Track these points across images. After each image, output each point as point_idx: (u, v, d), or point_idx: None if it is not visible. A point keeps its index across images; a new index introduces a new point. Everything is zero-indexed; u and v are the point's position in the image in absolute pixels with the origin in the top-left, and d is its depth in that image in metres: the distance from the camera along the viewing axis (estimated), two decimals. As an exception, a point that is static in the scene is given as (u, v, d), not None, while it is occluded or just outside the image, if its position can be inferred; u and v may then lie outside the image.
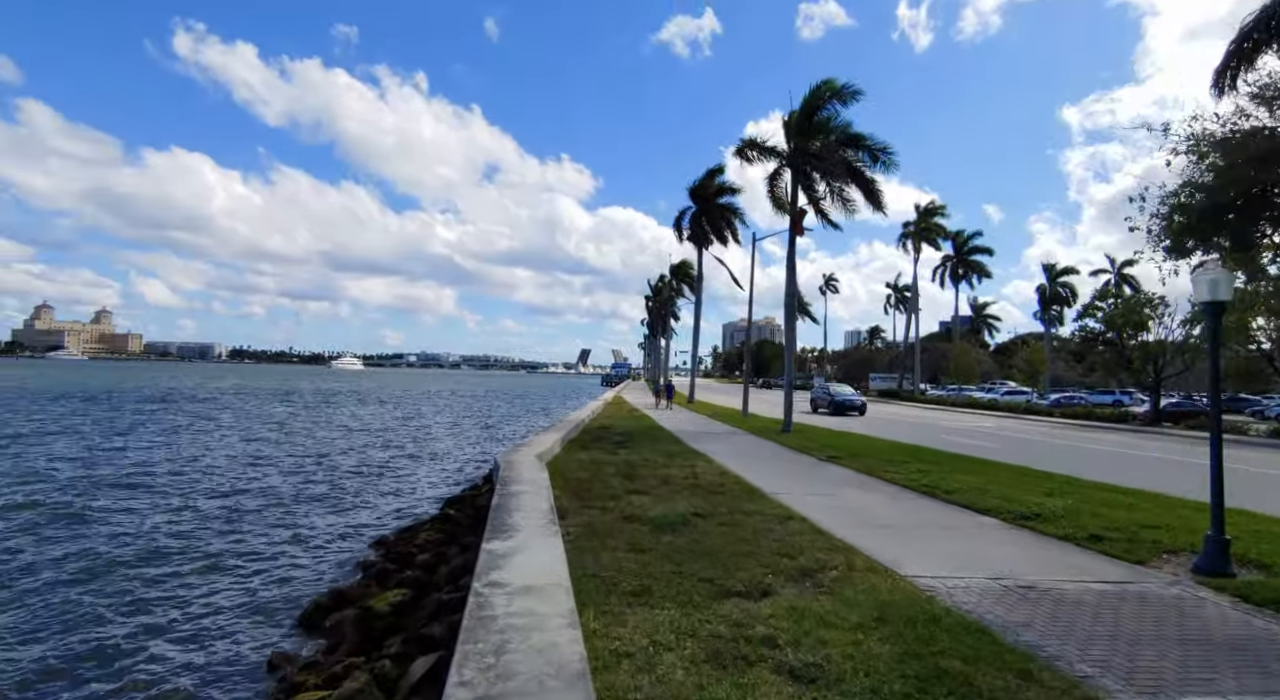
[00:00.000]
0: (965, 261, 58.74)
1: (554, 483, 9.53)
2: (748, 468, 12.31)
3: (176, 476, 17.53)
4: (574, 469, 11.36)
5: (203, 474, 18.03)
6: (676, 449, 14.97)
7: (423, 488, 17.38)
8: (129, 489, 15.72)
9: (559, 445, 14.20)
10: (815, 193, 22.32)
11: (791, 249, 21.56)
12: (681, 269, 55.01)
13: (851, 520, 8.07)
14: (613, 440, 16.54)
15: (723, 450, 15.27)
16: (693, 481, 10.44)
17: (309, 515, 13.94)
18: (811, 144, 19.96)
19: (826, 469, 12.76)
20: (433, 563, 8.59)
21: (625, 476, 10.75)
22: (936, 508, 9.13)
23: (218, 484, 16.72)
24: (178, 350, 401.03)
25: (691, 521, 7.54)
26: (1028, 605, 5.12)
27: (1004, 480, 11.28)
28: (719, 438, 18.69)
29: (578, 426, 19.08)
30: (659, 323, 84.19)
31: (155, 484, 16.32)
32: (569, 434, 16.55)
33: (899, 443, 17.89)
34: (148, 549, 10.98)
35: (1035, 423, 31.58)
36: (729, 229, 37.21)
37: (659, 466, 11.97)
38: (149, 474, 17.69)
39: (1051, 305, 56.99)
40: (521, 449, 12.08)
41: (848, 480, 11.37)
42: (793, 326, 21.33)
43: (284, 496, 15.63)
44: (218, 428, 30.88)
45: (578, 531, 7.03)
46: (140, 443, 24.12)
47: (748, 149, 22.09)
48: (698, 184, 36.92)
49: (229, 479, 17.32)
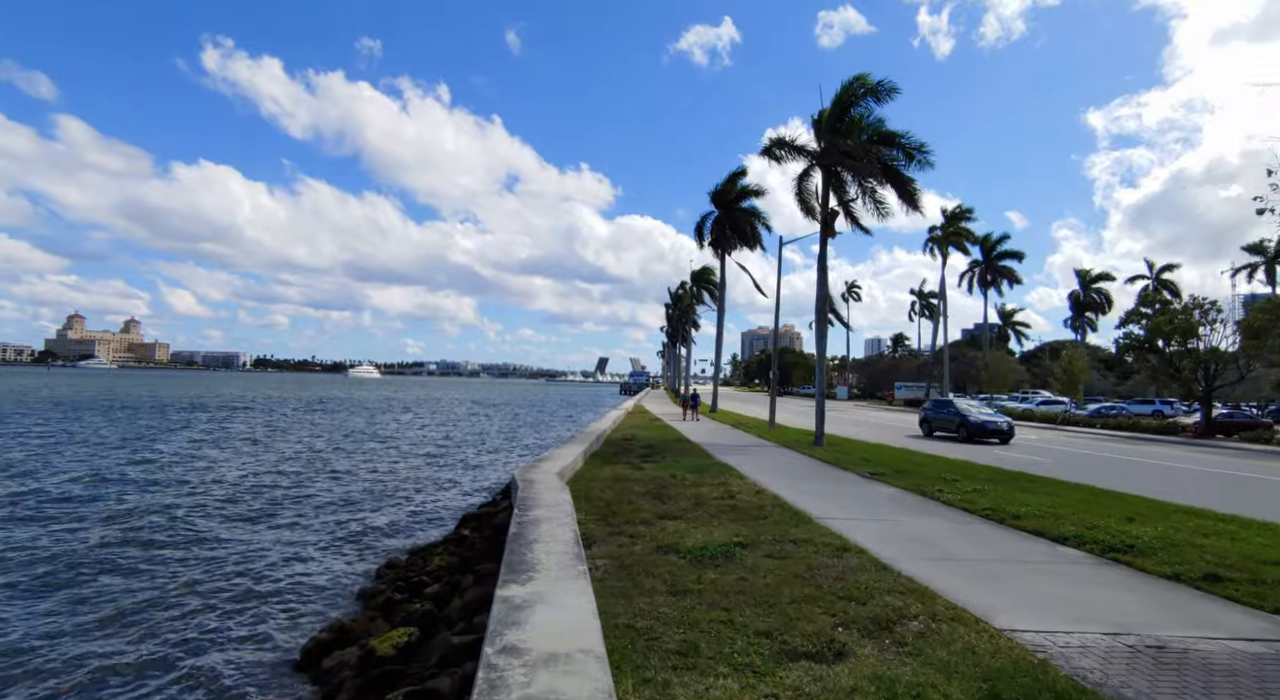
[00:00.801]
0: (994, 267, 57.05)
1: (577, 504, 8.68)
2: (786, 486, 11.35)
3: (184, 480, 16.98)
4: (598, 487, 10.49)
5: (215, 483, 17.46)
6: (705, 463, 14.03)
7: (440, 500, 16.63)
8: (142, 489, 15.17)
9: (581, 459, 13.35)
10: (846, 194, 21.35)
11: (823, 252, 20.60)
12: (703, 275, 54.09)
13: (916, 552, 7.09)
14: (637, 453, 15.66)
15: (755, 465, 14.31)
16: (729, 502, 9.51)
17: (320, 530, 13.24)
18: (844, 142, 18.99)
19: (872, 488, 11.74)
20: (444, 594, 7.75)
21: (654, 496, 9.85)
22: (1007, 537, 8.10)
23: (233, 493, 16.10)
24: (203, 359, 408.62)
25: (735, 553, 6.62)
26: (1170, 674, 4.12)
27: (1073, 503, 10.19)
28: (748, 451, 17.71)
29: (600, 438, 18.23)
30: (679, 331, 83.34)
31: (166, 480, 15.78)
32: (591, 446, 15.70)
33: (942, 457, 16.78)
34: (152, 554, 10.31)
35: (1078, 435, 30.10)
36: (752, 233, 36.31)
37: (689, 484, 11.06)
38: (156, 478, 17.18)
39: (1085, 312, 55.07)
40: (541, 464, 11.24)
41: (899, 502, 10.36)
42: (824, 333, 20.33)
43: (297, 507, 14.97)
44: (235, 437, 30.53)
45: (607, 565, 6.16)
46: (157, 451, 23.74)
47: (776, 148, 21.18)
48: (720, 188, 36.08)
49: (248, 488, 16.72)
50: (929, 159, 19.40)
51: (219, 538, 12.53)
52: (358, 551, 12.10)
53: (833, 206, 20.76)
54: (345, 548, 12.24)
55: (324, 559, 11.42)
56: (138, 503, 15.17)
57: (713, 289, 53.43)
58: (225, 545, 12.05)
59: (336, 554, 11.76)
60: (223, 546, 11.99)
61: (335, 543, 12.56)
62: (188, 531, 12.82)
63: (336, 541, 12.64)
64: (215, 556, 11.28)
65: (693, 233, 38.56)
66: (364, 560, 11.47)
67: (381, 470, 21.56)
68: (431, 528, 13.83)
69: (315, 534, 13.13)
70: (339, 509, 15.34)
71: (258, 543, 12.33)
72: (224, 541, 12.30)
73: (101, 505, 14.78)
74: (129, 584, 9.71)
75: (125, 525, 13.11)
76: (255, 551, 11.67)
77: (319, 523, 13.97)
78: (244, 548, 11.90)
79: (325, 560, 11.39)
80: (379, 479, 19.78)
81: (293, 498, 16.42)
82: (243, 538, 12.60)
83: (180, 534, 12.61)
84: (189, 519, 13.74)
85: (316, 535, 13.02)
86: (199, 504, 15.23)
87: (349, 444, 29.33)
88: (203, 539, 12.36)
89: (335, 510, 15.21)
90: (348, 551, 12.00)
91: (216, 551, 11.57)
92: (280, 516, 14.36)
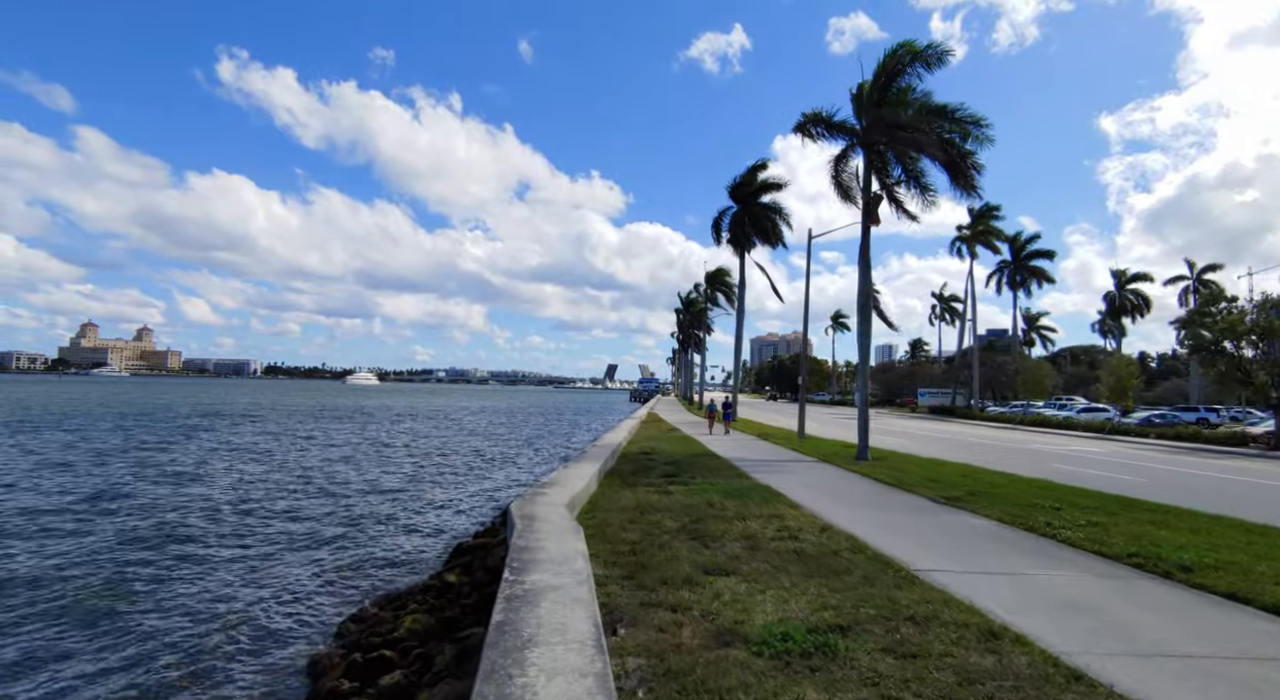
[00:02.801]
0: (1024, 266, 54.45)
1: (593, 547, 6.48)
2: (851, 517, 9.07)
3: (139, 506, 14.87)
4: (619, 522, 8.25)
5: (175, 504, 15.34)
6: (743, 485, 11.76)
7: (429, 525, 14.44)
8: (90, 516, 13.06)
9: (594, 480, 11.12)
10: (888, 177, 19.11)
11: (865, 242, 18.28)
12: (718, 277, 51.88)
13: (1094, 637, 4.79)
14: (659, 471, 13.41)
15: (801, 486, 12.01)
16: (791, 545, 7.24)
17: (295, 562, 11.10)
18: (894, 114, 16.72)
19: (955, 519, 9.42)
20: (407, 686, 5.51)
21: (693, 535, 7.60)
22: (1196, 605, 5.78)
23: (200, 518, 13.97)
24: (214, 367, 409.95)
25: (834, 647, 4.36)
26: None
27: (1235, 543, 7.84)
28: (787, 468, 15.40)
29: (615, 452, 15.99)
30: (691, 336, 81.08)
31: (124, 506, 13.67)
32: (606, 463, 13.47)
33: (1014, 475, 14.40)
34: (90, 603, 8.19)
35: (1139, 446, 27.53)
36: (773, 230, 34.09)
37: (732, 515, 8.81)
38: (123, 496, 15.09)
39: (1120, 315, 52.32)
40: (546, 492, 8.99)
41: (1005, 541, 8.03)
42: (867, 331, 18.00)
43: (275, 534, 12.82)
44: (211, 451, 28.50)
45: (643, 672, 3.93)
46: (111, 470, 21.70)
47: (811, 125, 18.95)
48: (739, 181, 33.93)
49: (214, 507, 14.58)
50: (988, 134, 17.14)
51: (178, 575, 10.43)
52: (330, 591, 9.97)
53: (875, 191, 18.49)
54: (317, 587, 10.12)
55: (289, 606, 9.28)
56: (88, 529, 13.08)
57: (729, 290, 51.24)
58: (184, 584, 9.99)
59: (305, 597, 9.65)
60: (181, 586, 9.93)
61: (309, 578, 10.46)
62: (144, 570, 10.69)
63: (310, 577, 10.53)
64: (168, 601, 9.23)
65: (702, 238, 37.19)
66: (334, 605, 9.32)
67: (368, 488, 19.41)
68: (420, 557, 11.63)
69: (289, 567, 11.01)
70: (320, 534, 13.20)
71: (221, 581, 10.24)
72: (182, 580, 10.22)
73: (27, 542, 12.70)
74: (52, 636, 7.62)
75: (61, 561, 11.01)
76: (215, 596, 9.57)
77: (294, 554, 11.83)
78: (204, 589, 9.82)
79: (290, 607, 9.25)
80: (371, 498, 17.63)
81: (269, 523, 14.29)
82: (208, 575, 10.49)
83: (132, 574, 10.48)
84: (146, 557, 11.62)
85: (289, 569, 10.90)
86: (155, 536, 13.11)
87: (334, 456, 27.24)
88: (161, 578, 10.27)
89: (316, 535, 13.06)
90: (318, 593, 9.88)
91: (172, 594, 9.52)
92: (253, 548, 12.22)
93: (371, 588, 10.10)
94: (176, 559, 11.35)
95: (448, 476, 22.09)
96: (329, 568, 11.05)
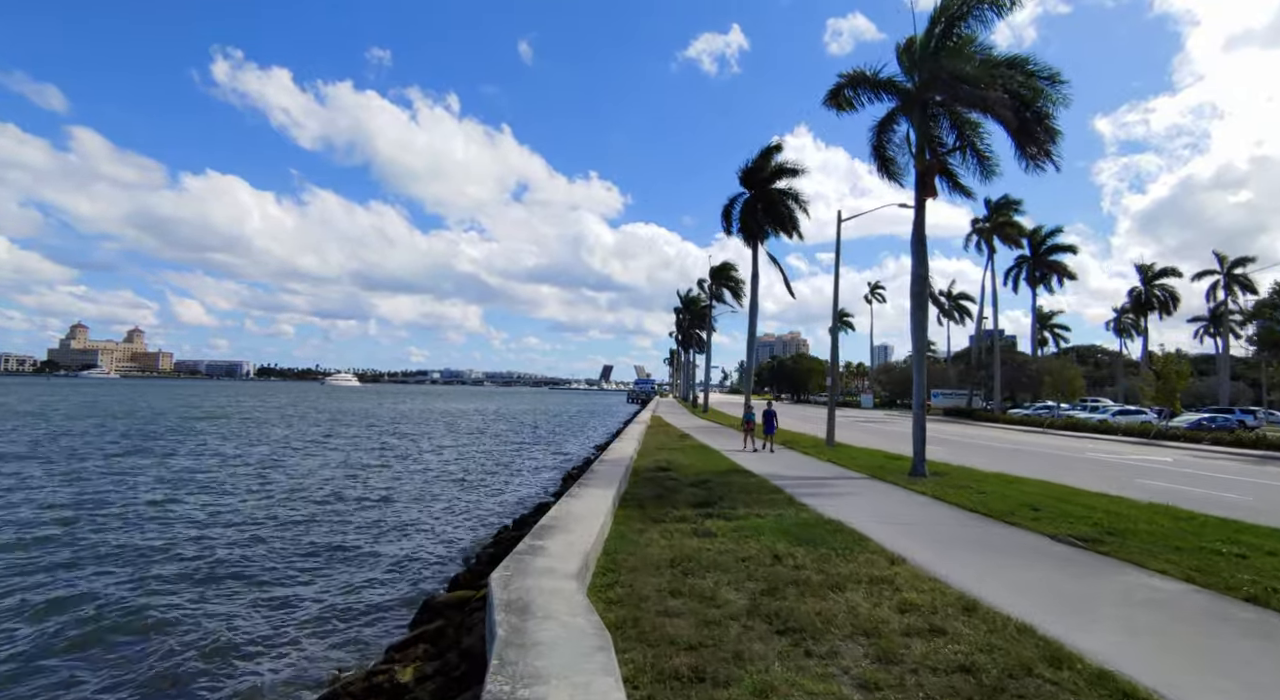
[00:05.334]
0: (1044, 262, 51.91)
1: (628, 659, 3.76)
2: (983, 576, 6.34)
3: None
4: (654, 594, 5.51)
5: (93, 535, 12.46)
6: (801, 518, 9.00)
7: (392, 559, 11.59)
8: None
9: (609, 515, 8.35)
10: (940, 144, 16.43)
11: (920, 217, 15.58)
12: (724, 271, 49.11)
13: None
14: (687, 495, 10.65)
15: (875, 518, 9.27)
16: (941, 649, 4.50)
17: (201, 631, 8.23)
18: (960, 66, 13.98)
19: (1127, 579, 6.67)
20: None
21: (773, 623, 4.86)
22: None
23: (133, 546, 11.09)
24: (206, 368, 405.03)
25: None
26: None
27: None
28: (836, 488, 12.67)
29: (627, 469, 13.25)
30: (691, 335, 78.33)
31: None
32: (620, 486, 10.71)
33: (1119, 497, 11.70)
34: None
35: (1201, 454, 24.91)
36: (789, 218, 31.37)
37: (813, 575, 6.08)
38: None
39: (1147, 311, 49.79)
40: (545, 545, 6.19)
41: (1248, 628, 5.30)
42: (923, 322, 15.25)
43: (191, 573, 9.96)
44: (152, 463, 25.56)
45: None
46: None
47: (850, 87, 16.21)
48: (751, 165, 31.19)
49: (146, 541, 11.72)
50: (1065, 92, 14.46)
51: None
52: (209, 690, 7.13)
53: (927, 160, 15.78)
54: (203, 680, 7.28)
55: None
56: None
57: (735, 285, 48.57)
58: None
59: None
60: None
61: (193, 662, 7.57)
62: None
63: (200, 658, 7.66)
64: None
65: (700, 238, 35.15)
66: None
67: (320, 509, 16.56)
68: (370, 621, 8.81)
69: (170, 638, 8.14)
70: (238, 574, 10.35)
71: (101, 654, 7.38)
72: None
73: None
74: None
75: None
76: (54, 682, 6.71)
77: (205, 616, 8.97)
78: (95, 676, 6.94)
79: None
80: (313, 524, 14.78)
81: (190, 560, 11.43)
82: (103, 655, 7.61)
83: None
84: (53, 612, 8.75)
85: (163, 644, 8.03)
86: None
87: (300, 467, 24.36)
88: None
89: (224, 578, 10.21)
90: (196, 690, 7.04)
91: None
92: (161, 598, 9.36)
93: (279, 682, 7.16)
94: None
95: (424, 498, 19.27)
96: (222, 644, 8.02)
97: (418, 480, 21.40)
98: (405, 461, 26.60)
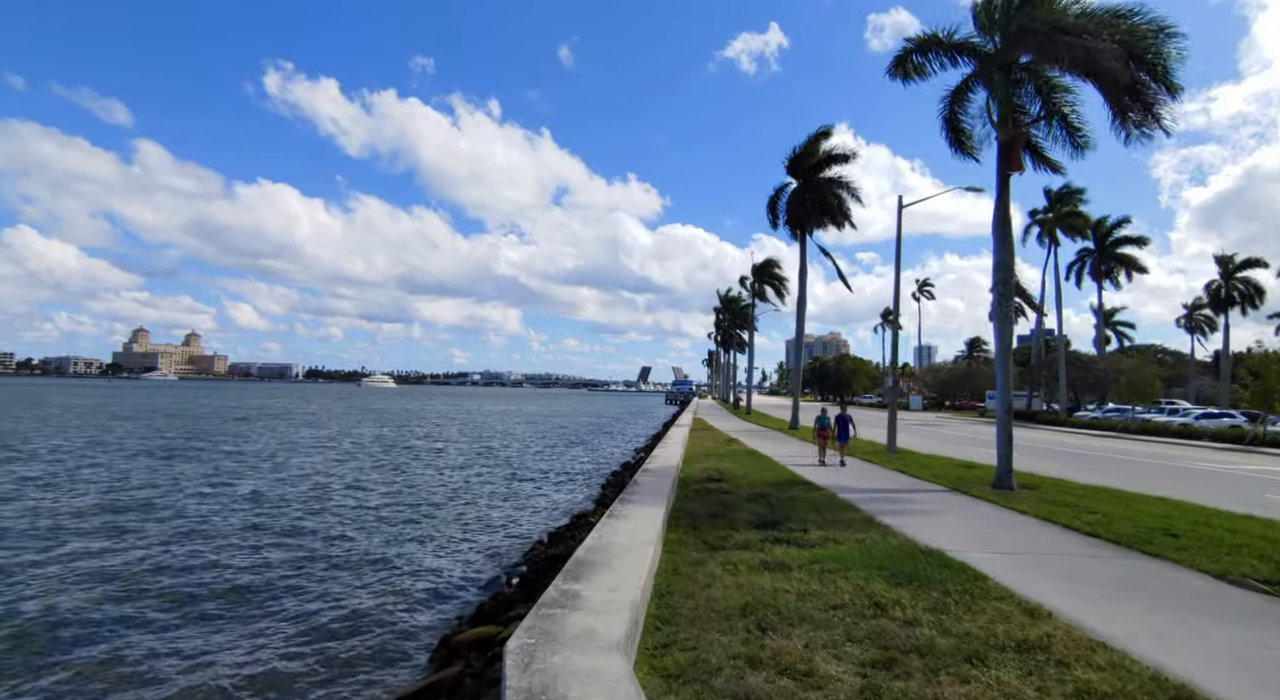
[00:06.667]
0: (1111, 255, 48.52)
1: None
2: (1160, 636, 4.73)
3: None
4: (726, 664, 4.06)
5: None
6: (892, 546, 7.43)
7: (407, 596, 10.41)
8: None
9: (658, 542, 6.93)
10: (1023, 114, 14.58)
11: (1004, 196, 13.73)
12: (767, 268, 47.20)
13: None
14: (746, 513, 9.16)
15: (976, 544, 7.63)
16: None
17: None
18: (1056, 17, 12.14)
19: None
20: None
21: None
22: None
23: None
24: (258, 371, 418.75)
25: None
26: None
27: None
28: (917, 504, 10.99)
29: (674, 479, 11.83)
30: (731, 336, 76.40)
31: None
32: (669, 501, 9.29)
33: (1258, 517, 9.75)
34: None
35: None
36: (840, 208, 29.51)
37: (935, 638, 4.56)
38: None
39: (1228, 306, 45.99)
40: (581, 593, 4.77)
41: None
42: (1008, 315, 13.44)
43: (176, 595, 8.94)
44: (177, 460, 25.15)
45: None
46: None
47: (919, 52, 14.48)
48: (799, 152, 29.43)
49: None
50: (1180, 47, 12.47)
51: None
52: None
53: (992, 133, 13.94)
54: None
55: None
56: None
57: (778, 283, 46.62)
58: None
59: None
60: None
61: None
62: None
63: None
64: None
65: (738, 239, 33.46)
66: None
67: (324, 524, 15.56)
68: (397, 640, 7.59)
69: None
70: (229, 605, 9.27)
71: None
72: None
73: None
74: None
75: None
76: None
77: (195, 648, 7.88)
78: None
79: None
80: (314, 539, 13.74)
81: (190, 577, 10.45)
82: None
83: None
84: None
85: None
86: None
87: (317, 469, 23.62)
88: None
89: (208, 604, 9.14)
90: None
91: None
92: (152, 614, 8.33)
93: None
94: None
95: (453, 503, 18.17)
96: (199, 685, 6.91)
97: (447, 483, 20.37)
98: (431, 466, 25.69)
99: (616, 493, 16.96)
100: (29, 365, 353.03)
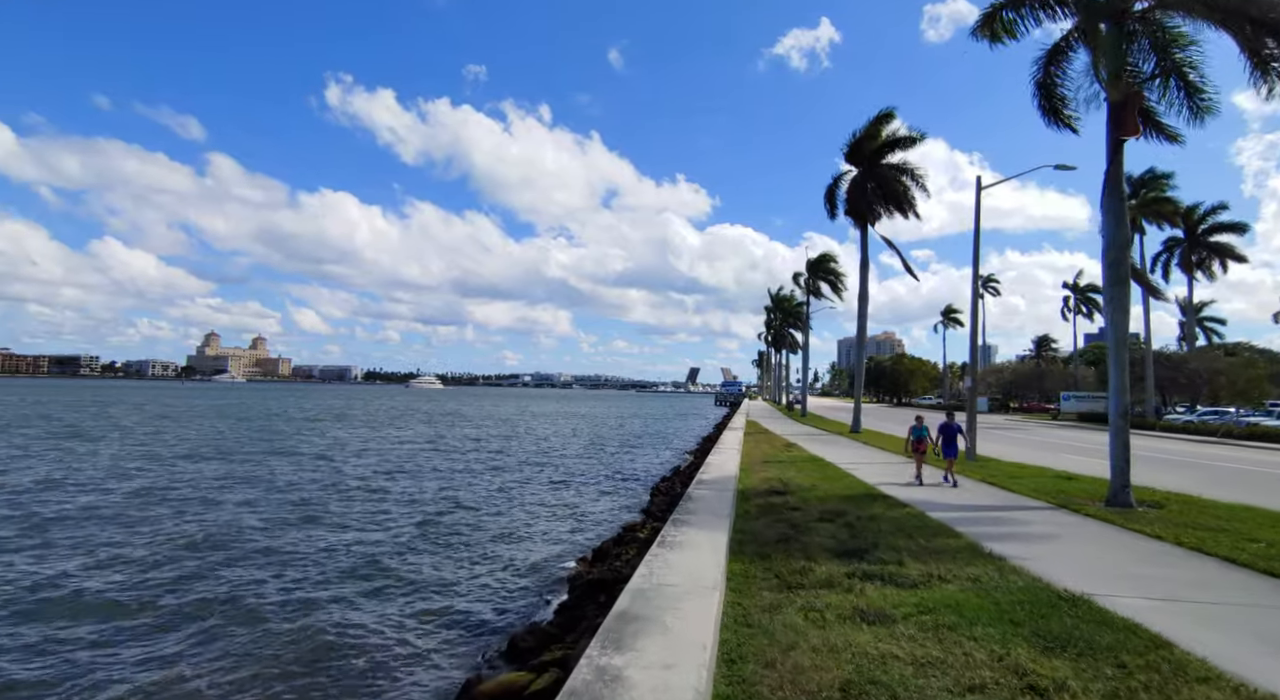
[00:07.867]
0: (1203, 243, 44.47)
1: None
2: None
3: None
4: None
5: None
6: (1010, 583, 5.88)
7: (422, 633, 9.36)
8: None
9: (721, 582, 5.59)
10: (1134, 74, 12.60)
11: (1117, 167, 11.85)
12: (822, 263, 45.06)
13: None
14: (824, 540, 7.72)
15: (1125, 585, 6.01)
16: None
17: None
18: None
19: None
20: None
21: None
22: None
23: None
24: (319, 373, 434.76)
25: None
26: None
27: None
28: (1024, 524, 9.30)
29: (732, 494, 10.44)
30: (783, 335, 74.08)
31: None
32: (729, 523, 7.93)
33: None
34: None
35: None
36: (904, 196, 27.46)
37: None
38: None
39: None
40: (626, 678, 3.53)
41: None
42: (1124, 303, 11.51)
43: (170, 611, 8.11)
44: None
45: None
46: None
47: (1010, 7, 12.72)
48: (859, 137, 27.51)
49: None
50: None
51: None
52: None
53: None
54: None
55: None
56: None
57: (834, 279, 44.46)
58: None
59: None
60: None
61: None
62: None
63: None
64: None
65: (789, 238, 33.27)
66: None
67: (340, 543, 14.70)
68: (414, 686, 6.50)
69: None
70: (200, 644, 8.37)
71: None
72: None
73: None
74: None
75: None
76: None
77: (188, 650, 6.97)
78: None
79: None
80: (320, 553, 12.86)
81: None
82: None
83: None
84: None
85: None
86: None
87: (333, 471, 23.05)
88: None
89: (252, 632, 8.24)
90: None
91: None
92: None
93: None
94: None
95: (474, 525, 17.16)
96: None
97: (485, 487, 19.46)
98: (468, 470, 24.91)
99: (666, 501, 15.70)
100: (112, 368, 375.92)
